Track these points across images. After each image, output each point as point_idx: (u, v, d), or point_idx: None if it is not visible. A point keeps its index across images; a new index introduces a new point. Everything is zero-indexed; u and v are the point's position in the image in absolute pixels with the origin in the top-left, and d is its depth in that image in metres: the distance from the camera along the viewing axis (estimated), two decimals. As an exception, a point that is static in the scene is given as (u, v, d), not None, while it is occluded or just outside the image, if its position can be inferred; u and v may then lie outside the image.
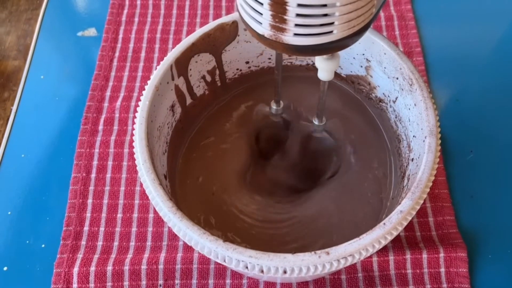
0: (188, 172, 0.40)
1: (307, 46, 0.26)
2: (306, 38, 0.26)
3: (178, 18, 0.56)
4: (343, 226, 0.37)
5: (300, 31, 0.26)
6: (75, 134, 0.47)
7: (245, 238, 0.37)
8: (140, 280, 0.40)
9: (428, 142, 0.32)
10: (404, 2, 0.56)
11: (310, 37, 0.26)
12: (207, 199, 0.39)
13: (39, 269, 0.41)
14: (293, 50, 0.27)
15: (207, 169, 0.40)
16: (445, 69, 0.51)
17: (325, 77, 0.32)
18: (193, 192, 0.39)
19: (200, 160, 0.41)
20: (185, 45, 0.37)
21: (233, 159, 0.41)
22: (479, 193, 0.44)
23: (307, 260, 0.28)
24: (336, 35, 0.26)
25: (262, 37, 0.27)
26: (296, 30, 0.26)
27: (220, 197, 0.39)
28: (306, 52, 0.27)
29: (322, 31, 0.26)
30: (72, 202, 0.44)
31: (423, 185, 0.30)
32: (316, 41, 0.26)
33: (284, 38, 0.26)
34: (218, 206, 0.39)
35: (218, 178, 0.40)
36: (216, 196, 0.39)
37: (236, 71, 0.42)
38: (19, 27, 0.62)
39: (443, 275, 0.40)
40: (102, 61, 0.52)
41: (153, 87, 0.34)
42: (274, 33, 0.27)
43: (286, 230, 0.37)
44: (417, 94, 0.34)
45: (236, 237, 0.37)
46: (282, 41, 0.27)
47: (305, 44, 0.26)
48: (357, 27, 0.27)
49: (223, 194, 0.39)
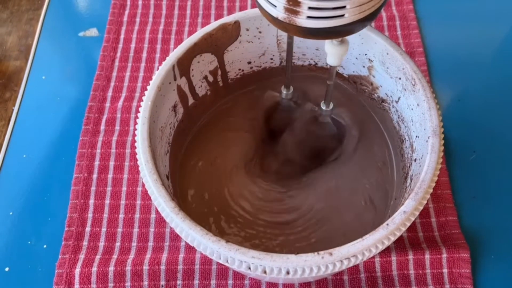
0: (191, 171, 0.40)
1: (319, 29, 0.28)
2: (319, 21, 0.27)
3: (180, 19, 0.56)
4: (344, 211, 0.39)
5: (313, 14, 0.27)
6: (76, 134, 0.47)
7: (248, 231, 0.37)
8: (142, 280, 0.40)
9: (431, 143, 0.32)
10: (406, 2, 0.56)
11: (323, 20, 0.27)
12: (211, 197, 0.39)
13: (40, 270, 0.41)
14: (306, 32, 0.28)
15: (210, 168, 0.40)
16: (447, 69, 0.51)
17: (334, 62, 0.33)
18: (196, 190, 0.39)
19: (202, 160, 0.41)
20: (187, 45, 0.37)
21: (237, 153, 0.41)
22: (482, 194, 0.44)
23: (310, 261, 0.28)
24: (348, 18, 0.27)
25: (276, 20, 0.28)
26: (309, 13, 0.27)
27: (223, 194, 0.39)
28: (318, 35, 0.28)
29: (334, 14, 0.27)
30: (74, 203, 0.44)
31: (426, 185, 0.30)
32: (328, 24, 0.27)
33: (298, 20, 0.27)
34: (222, 204, 0.39)
35: (222, 176, 0.40)
36: (219, 194, 0.39)
37: (238, 71, 0.42)
38: (21, 28, 0.61)
39: (446, 276, 0.40)
40: (103, 61, 0.52)
41: (155, 87, 0.34)
42: (288, 16, 0.27)
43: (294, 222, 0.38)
44: (420, 94, 0.34)
45: (239, 232, 0.37)
46: (296, 23, 0.28)
47: (317, 26, 0.27)
48: (367, 11, 0.27)
49: (226, 191, 0.39)
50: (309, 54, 0.41)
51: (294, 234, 0.38)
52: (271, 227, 0.38)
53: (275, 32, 0.39)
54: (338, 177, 0.40)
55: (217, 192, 0.39)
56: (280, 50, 0.41)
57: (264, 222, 0.38)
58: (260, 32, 0.39)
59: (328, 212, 0.38)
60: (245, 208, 0.39)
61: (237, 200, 0.39)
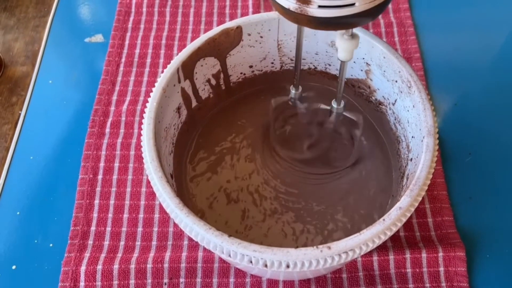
0: (196, 170, 0.41)
1: (330, 18, 0.29)
2: (330, 10, 0.28)
3: (183, 25, 0.57)
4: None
5: (324, 3, 0.28)
6: (82, 136, 0.49)
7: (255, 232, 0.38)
8: (146, 278, 0.41)
9: (426, 142, 0.33)
10: (404, 9, 0.57)
11: (333, 9, 0.28)
12: (213, 196, 0.40)
13: (47, 268, 0.42)
14: (316, 23, 0.29)
15: (215, 166, 0.42)
16: (443, 74, 0.52)
17: (345, 57, 0.34)
18: (202, 188, 0.40)
19: (207, 157, 0.42)
20: (191, 49, 0.38)
21: (243, 153, 0.42)
22: (477, 195, 0.45)
23: (309, 254, 0.29)
24: (358, 7, 0.28)
25: (287, 11, 0.29)
26: (321, 1, 0.28)
27: (228, 191, 0.40)
28: (329, 25, 0.29)
29: (345, 3, 0.28)
30: (79, 203, 0.45)
31: (421, 182, 0.31)
32: (339, 13, 0.28)
33: (309, 10, 0.28)
34: (225, 204, 0.40)
35: (227, 173, 0.41)
36: (223, 193, 0.40)
37: (240, 75, 0.43)
38: (27, 34, 0.63)
39: (442, 274, 0.41)
40: (109, 66, 0.53)
41: (160, 89, 0.36)
42: (299, 6, 0.29)
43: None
44: (416, 96, 0.35)
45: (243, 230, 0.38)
46: (307, 13, 0.29)
47: (328, 16, 0.28)
48: (377, 1, 0.29)
49: (231, 188, 0.40)
50: (308, 59, 0.43)
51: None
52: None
53: (276, 37, 0.41)
54: (347, 181, 0.41)
55: (221, 191, 0.41)
56: (281, 54, 0.42)
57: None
58: (261, 37, 0.41)
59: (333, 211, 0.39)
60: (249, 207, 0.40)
61: (241, 197, 0.40)
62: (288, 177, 0.41)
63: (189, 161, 0.42)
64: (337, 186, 0.40)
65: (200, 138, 0.43)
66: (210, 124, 0.44)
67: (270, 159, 0.42)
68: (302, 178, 0.41)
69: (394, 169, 0.40)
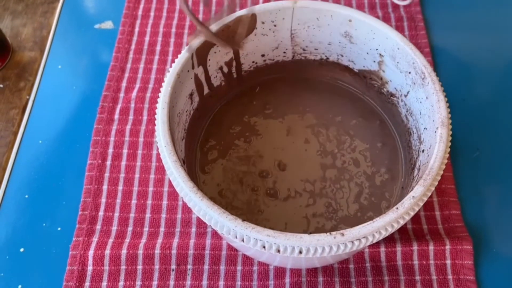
0: (207, 157, 0.41)
1: None
2: None
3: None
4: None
5: None
6: (91, 122, 0.49)
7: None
8: (154, 264, 0.41)
9: (440, 133, 0.33)
10: (414, 4, 0.57)
11: None
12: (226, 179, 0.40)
13: (55, 251, 0.42)
14: None
15: (225, 153, 0.42)
16: (452, 69, 0.53)
17: None
18: (213, 175, 0.40)
19: (217, 145, 0.42)
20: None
21: (254, 141, 0.42)
22: (485, 190, 0.45)
23: (322, 240, 0.29)
24: None
25: None
26: None
27: (238, 177, 0.41)
28: None
29: None
30: (87, 188, 0.45)
31: (435, 172, 0.31)
32: None
33: None
34: (236, 187, 0.40)
35: (237, 161, 0.41)
36: (234, 179, 0.40)
37: (252, 64, 0.43)
38: (35, 20, 0.63)
39: (449, 267, 0.41)
40: (118, 52, 0.53)
41: (175, 74, 0.36)
42: None
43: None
44: (429, 87, 0.35)
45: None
46: None
47: None
48: None
49: (242, 175, 0.41)
50: (321, 49, 0.43)
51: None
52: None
53: (290, 26, 0.41)
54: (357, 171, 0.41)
55: (231, 178, 0.41)
56: (294, 44, 0.42)
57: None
58: (275, 25, 0.41)
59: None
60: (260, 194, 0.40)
61: (252, 183, 0.40)
62: (298, 163, 0.41)
63: (199, 148, 0.42)
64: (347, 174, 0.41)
65: (210, 125, 0.43)
66: (221, 112, 0.44)
67: (280, 146, 0.42)
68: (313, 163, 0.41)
69: (405, 161, 0.40)
